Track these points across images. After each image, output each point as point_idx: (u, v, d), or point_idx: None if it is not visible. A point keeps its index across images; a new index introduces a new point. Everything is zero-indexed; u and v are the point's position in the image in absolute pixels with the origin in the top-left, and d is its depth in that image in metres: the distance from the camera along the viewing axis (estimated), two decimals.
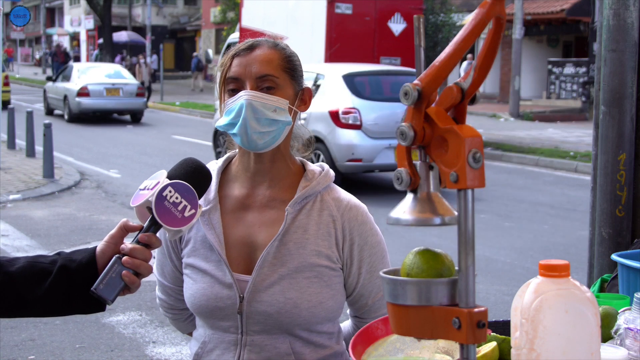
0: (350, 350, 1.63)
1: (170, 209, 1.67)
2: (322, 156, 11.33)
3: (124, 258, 1.65)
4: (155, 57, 37.19)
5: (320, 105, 10.74)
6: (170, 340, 5.83)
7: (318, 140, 11.17)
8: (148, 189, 1.69)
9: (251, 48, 2.01)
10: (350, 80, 11.57)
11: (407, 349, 1.67)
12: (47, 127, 12.97)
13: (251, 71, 1.97)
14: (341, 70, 11.99)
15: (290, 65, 2.03)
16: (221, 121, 2.00)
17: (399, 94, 1.22)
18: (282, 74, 2.00)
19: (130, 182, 12.72)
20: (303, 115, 2.11)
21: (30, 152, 14.87)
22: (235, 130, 1.97)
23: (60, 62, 39.67)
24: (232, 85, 1.99)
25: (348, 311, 2.20)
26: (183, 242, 2.11)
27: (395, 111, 11.18)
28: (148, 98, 26.50)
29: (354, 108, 11.13)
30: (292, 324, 1.99)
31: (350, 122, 11.10)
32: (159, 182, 1.69)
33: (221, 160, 2.13)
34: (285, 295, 1.97)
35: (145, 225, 1.69)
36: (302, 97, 2.06)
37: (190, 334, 2.31)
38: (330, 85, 11.54)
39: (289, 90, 2.01)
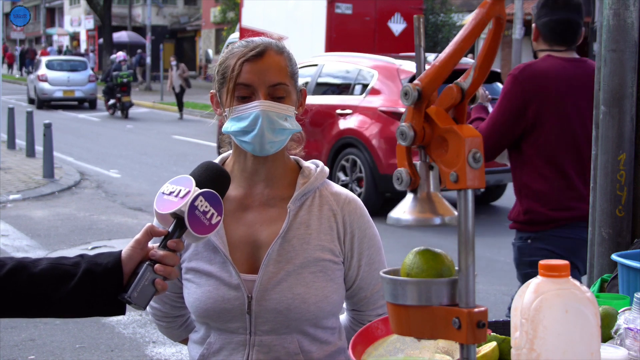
0: (350, 350, 1.63)
1: (200, 217, 1.69)
2: (35, 92, 27.45)
3: (157, 265, 1.67)
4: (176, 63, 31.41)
5: (38, 74, 27.18)
6: (170, 340, 5.82)
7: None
8: (175, 196, 1.70)
9: (261, 54, 1.98)
10: (48, 62, 27.92)
11: (407, 349, 1.67)
12: (47, 127, 12.97)
13: (264, 79, 1.96)
14: (47, 58, 28.88)
15: (294, 70, 2.04)
16: (231, 126, 1.98)
17: (70, 68, 27.10)
18: (290, 81, 2.01)
19: (130, 182, 12.70)
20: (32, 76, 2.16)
21: (30, 152, 14.86)
22: (248, 139, 1.96)
23: (31, 58, 47.42)
24: (243, 92, 1.97)
25: (344, 305, 2.22)
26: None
27: (66, 76, 27.21)
28: (180, 109, 24.30)
29: (44, 74, 26.90)
30: (301, 319, 2.00)
31: (43, 79, 26.76)
32: (189, 191, 1.69)
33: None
34: (293, 292, 1.99)
35: (170, 230, 1.71)
36: (300, 99, 2.08)
37: (184, 342, 2.31)
38: (42, 65, 27.69)
39: (294, 95, 2.03)
